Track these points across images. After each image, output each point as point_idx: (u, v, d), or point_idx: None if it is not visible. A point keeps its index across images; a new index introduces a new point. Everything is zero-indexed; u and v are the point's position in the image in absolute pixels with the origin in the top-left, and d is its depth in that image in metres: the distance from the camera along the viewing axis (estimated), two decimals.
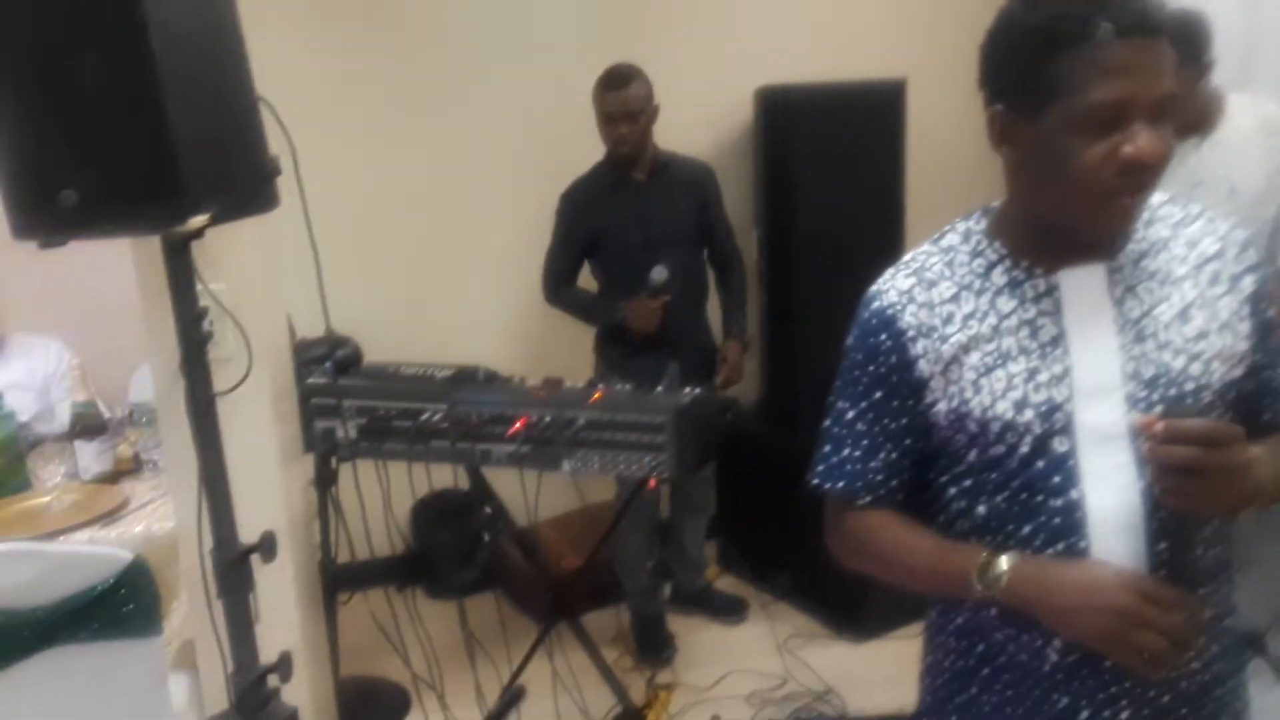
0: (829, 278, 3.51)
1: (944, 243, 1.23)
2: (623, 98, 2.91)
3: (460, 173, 3.50)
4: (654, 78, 3.03)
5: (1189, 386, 1.10)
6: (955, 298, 1.17)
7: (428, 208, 3.49)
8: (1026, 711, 1.18)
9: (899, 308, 1.19)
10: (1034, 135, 1.08)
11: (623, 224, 2.99)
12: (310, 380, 2.18)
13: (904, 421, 1.21)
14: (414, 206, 3.48)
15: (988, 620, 1.19)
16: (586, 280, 3.19)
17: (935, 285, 1.19)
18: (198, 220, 1.26)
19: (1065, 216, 1.11)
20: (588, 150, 3.01)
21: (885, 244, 3.52)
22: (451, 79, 3.45)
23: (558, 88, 3.13)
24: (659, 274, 2.89)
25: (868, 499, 1.24)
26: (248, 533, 1.53)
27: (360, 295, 3.21)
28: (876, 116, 3.45)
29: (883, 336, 1.20)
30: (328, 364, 2.18)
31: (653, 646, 3.20)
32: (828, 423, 1.27)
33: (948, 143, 3.66)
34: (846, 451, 1.24)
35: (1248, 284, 1.16)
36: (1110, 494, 1.09)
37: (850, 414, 1.24)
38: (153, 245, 1.42)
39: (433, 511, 3.39)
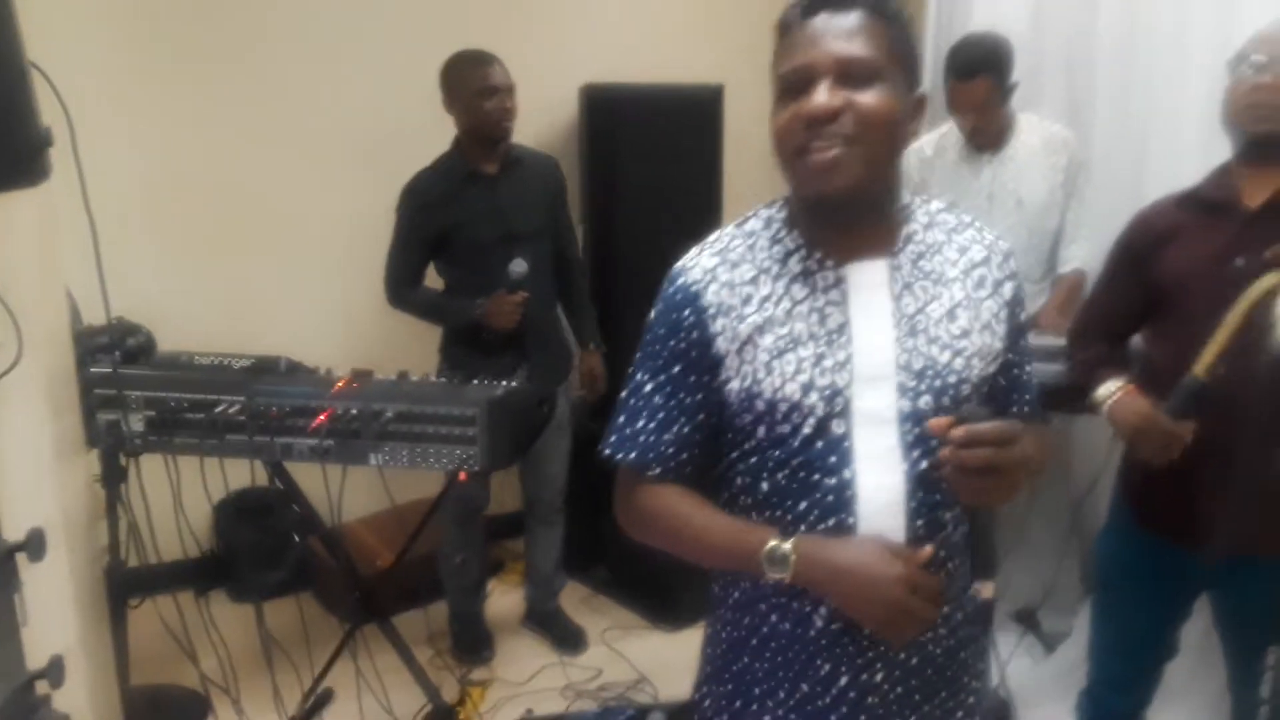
0: (649, 272, 3.51)
1: (747, 227, 1.28)
2: (503, 70, 2.82)
3: (269, 156, 3.35)
4: None
5: (951, 379, 1.19)
6: (754, 280, 1.23)
7: (233, 191, 3.32)
8: (794, 676, 1.25)
9: (702, 285, 1.23)
10: None
11: (477, 219, 2.83)
12: (92, 370, 2.05)
13: (699, 397, 1.25)
14: (218, 190, 3.30)
15: (760, 591, 1.26)
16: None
17: (737, 266, 1.23)
18: None
19: (791, 187, 1.21)
20: (407, 139, 2.94)
21: (704, 238, 3.64)
22: (263, 56, 3.30)
23: (377, 74, 3.06)
24: (519, 267, 2.76)
25: (658, 471, 1.27)
26: (15, 531, 1.43)
27: (159, 283, 3.05)
28: (696, 118, 3.55)
29: (686, 312, 1.23)
30: (116, 353, 2.05)
31: (469, 645, 3.16)
32: (624, 394, 1.30)
33: (762, 146, 3.78)
34: (641, 424, 1.27)
35: (1007, 290, 1.27)
36: (878, 474, 1.17)
37: (648, 387, 1.27)
38: None
39: (237, 511, 3.24)
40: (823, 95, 1.12)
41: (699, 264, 1.25)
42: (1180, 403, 1.77)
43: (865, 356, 1.18)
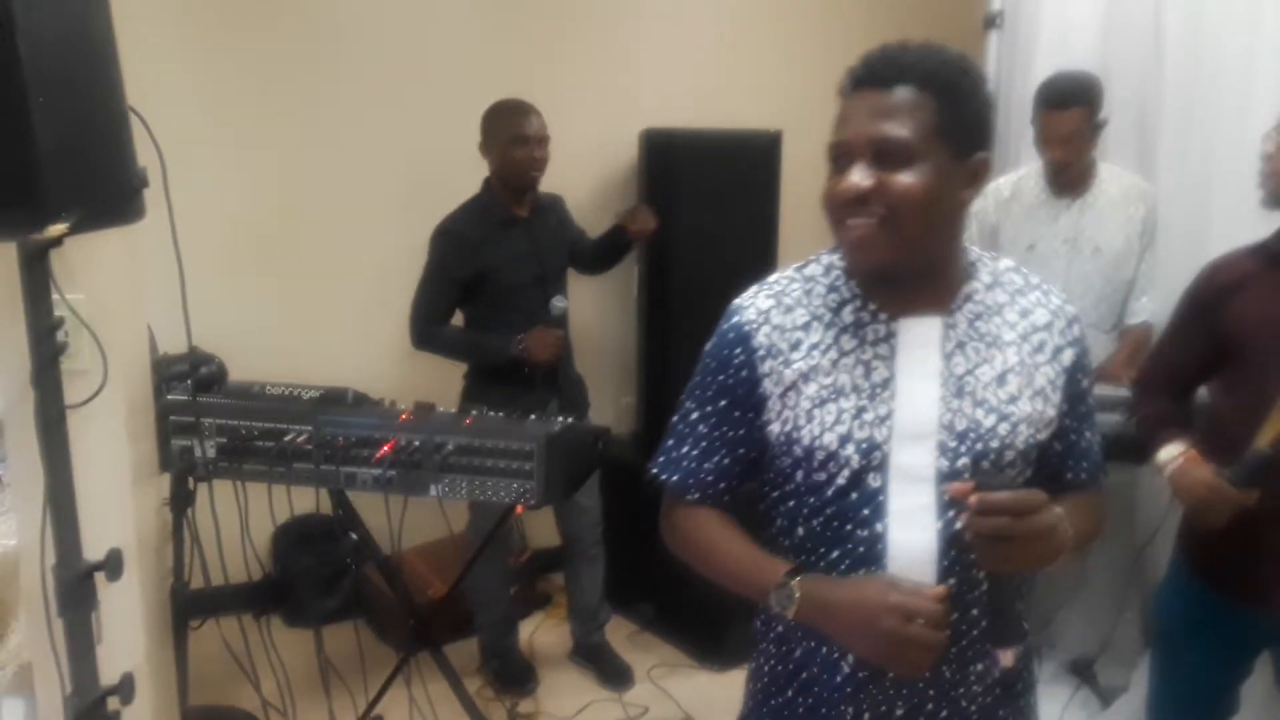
0: (705, 314, 3.58)
1: (807, 271, 1.30)
2: (542, 123, 2.92)
3: (340, 196, 3.46)
4: (544, 115, 3.08)
5: (994, 444, 1.18)
6: (806, 326, 1.24)
7: (306, 229, 3.44)
8: (823, 717, 1.26)
9: (755, 326, 1.26)
10: None
11: (514, 261, 2.91)
12: (169, 397, 2.13)
13: (741, 432, 1.29)
14: (292, 227, 3.42)
15: (796, 631, 1.28)
16: None
17: (791, 311, 1.26)
18: (57, 228, 1.24)
19: None
20: (469, 181, 3.02)
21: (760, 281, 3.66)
22: (334, 102, 3.42)
23: (443, 119, 3.14)
24: (561, 302, 2.88)
25: (696, 495, 1.32)
26: (94, 551, 1.49)
27: (232, 314, 3.15)
28: (754, 164, 3.59)
29: (737, 350, 1.27)
30: (188, 381, 2.13)
31: (511, 678, 3.17)
32: (675, 419, 1.35)
33: (818, 192, 3.84)
34: (686, 449, 1.32)
35: (1068, 357, 1.25)
36: (911, 530, 1.17)
37: (694, 415, 1.32)
38: (8, 252, 1.38)
39: (296, 537, 3.31)
40: (855, 176, 1.14)
41: (755, 304, 1.28)
42: (1245, 473, 1.76)
43: (907, 413, 1.19)
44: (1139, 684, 2.60)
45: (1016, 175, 3.01)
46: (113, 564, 1.49)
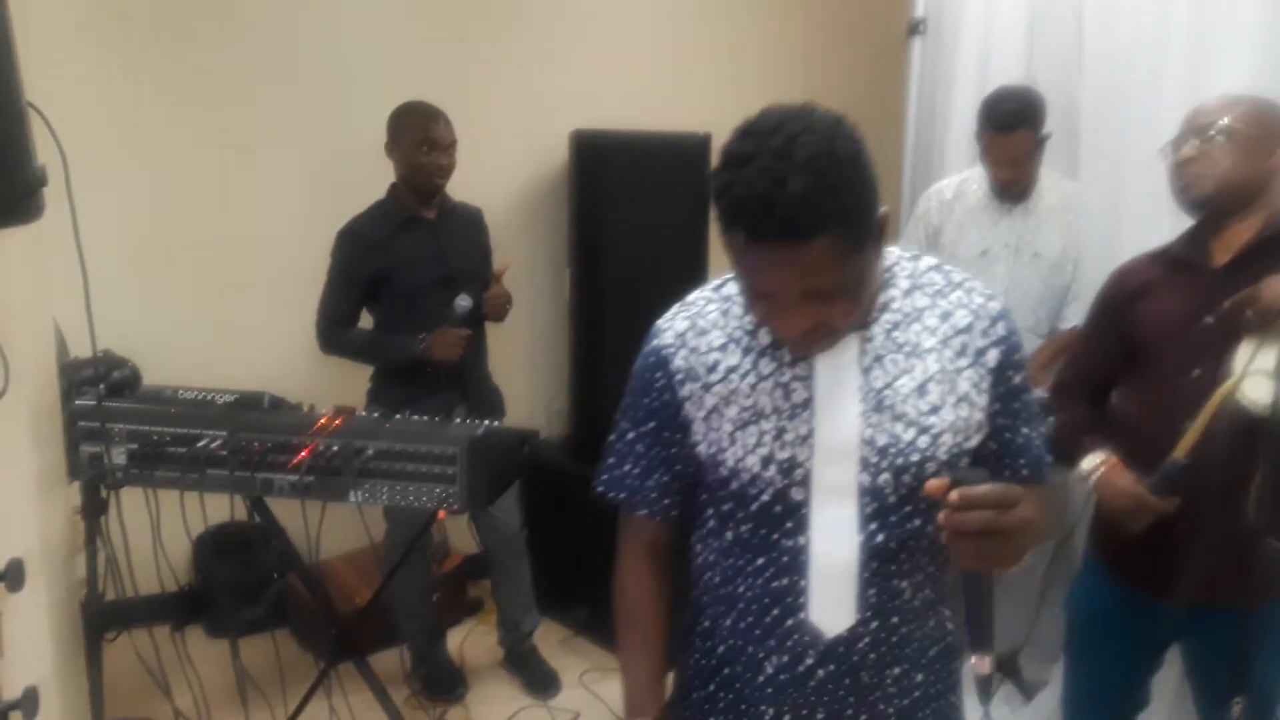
0: (636, 316, 3.56)
1: (724, 291, 1.29)
2: (449, 129, 2.89)
3: (258, 195, 3.39)
4: (473, 115, 3.05)
5: (914, 458, 1.18)
6: (724, 348, 1.25)
7: (221, 229, 3.36)
8: (742, 714, 1.28)
9: (673, 350, 1.27)
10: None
11: (417, 260, 2.89)
12: (77, 402, 2.06)
13: (674, 450, 1.31)
14: (207, 228, 3.34)
15: (721, 628, 1.29)
16: None
17: (707, 334, 1.26)
18: None
19: None
20: (388, 181, 2.98)
21: (689, 286, 3.64)
22: (248, 100, 3.35)
23: (362, 118, 3.09)
24: (464, 301, 2.85)
25: (644, 512, 1.34)
26: None
27: (148, 317, 3.07)
28: (683, 166, 3.61)
29: (658, 374, 1.29)
30: (100, 386, 2.07)
31: (440, 685, 3.14)
32: (613, 437, 1.36)
33: None
34: (627, 468, 1.35)
35: (992, 358, 1.22)
36: (832, 542, 1.19)
37: (630, 435, 1.34)
38: None
39: (217, 545, 3.23)
40: (792, 325, 1.12)
41: (673, 327, 1.29)
42: (1163, 482, 1.82)
43: (829, 433, 1.19)
44: (1059, 679, 2.65)
45: (960, 177, 3.04)
46: (13, 575, 1.45)
